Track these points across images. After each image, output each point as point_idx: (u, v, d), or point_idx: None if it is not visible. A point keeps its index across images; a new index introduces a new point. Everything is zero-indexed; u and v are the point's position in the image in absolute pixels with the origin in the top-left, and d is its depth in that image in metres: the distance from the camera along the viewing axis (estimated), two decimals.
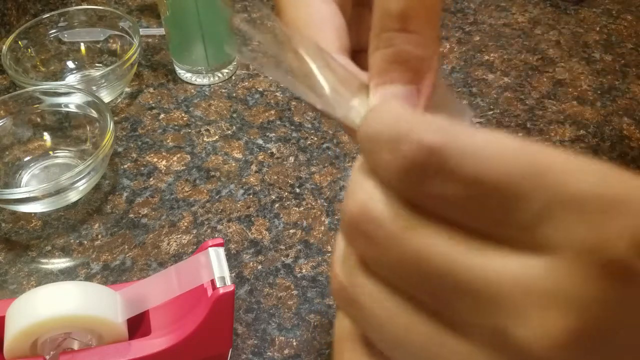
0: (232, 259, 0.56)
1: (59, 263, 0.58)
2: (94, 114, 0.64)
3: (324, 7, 0.31)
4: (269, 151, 0.66)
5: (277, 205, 0.61)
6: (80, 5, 0.75)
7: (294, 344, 0.51)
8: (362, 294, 0.23)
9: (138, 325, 0.47)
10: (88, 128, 0.65)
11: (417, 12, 0.25)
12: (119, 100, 0.72)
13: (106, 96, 0.70)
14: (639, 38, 0.77)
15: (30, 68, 0.72)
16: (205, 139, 0.67)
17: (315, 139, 0.67)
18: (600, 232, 0.18)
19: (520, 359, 0.19)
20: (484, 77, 0.73)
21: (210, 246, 0.46)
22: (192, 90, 0.73)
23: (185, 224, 0.60)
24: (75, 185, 0.59)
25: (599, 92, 0.71)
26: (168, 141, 0.67)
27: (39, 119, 0.66)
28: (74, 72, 0.75)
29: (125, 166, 0.65)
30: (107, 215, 0.61)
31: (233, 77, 0.74)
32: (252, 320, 0.53)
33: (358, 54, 0.33)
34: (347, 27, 0.32)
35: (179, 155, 0.66)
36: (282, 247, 0.57)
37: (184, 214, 0.61)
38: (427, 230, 0.21)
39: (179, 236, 0.59)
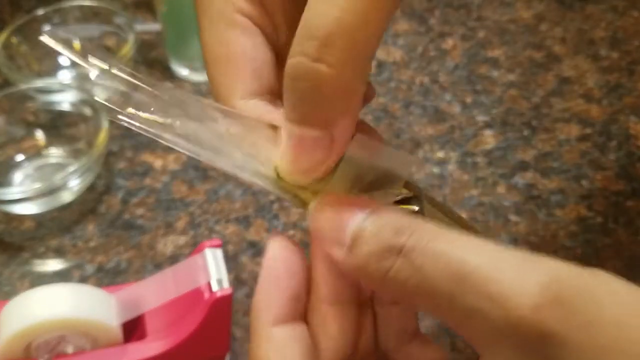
0: (230, 260, 0.56)
1: (53, 265, 0.57)
2: (88, 112, 0.63)
3: (245, 41, 0.28)
4: None
5: (276, 205, 0.60)
6: (75, 1, 0.75)
7: None
8: None
9: (133, 329, 0.47)
10: (82, 126, 0.64)
11: (342, 40, 0.22)
12: (114, 98, 0.71)
13: (101, 94, 0.69)
14: None
15: (24, 65, 0.72)
16: None
17: None
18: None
19: None
20: (489, 74, 0.72)
21: (208, 247, 0.45)
22: (189, 88, 0.72)
23: (182, 224, 0.59)
24: (69, 185, 0.58)
25: (605, 90, 0.70)
26: None
27: (32, 117, 0.65)
28: (68, 69, 0.74)
29: (120, 166, 0.64)
30: (101, 215, 0.60)
31: None
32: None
33: None
34: (271, 59, 0.28)
35: (175, 155, 0.65)
36: None
37: (180, 214, 0.60)
38: None
39: (175, 237, 0.58)
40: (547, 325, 0.19)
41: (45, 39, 0.27)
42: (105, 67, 0.27)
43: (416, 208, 0.26)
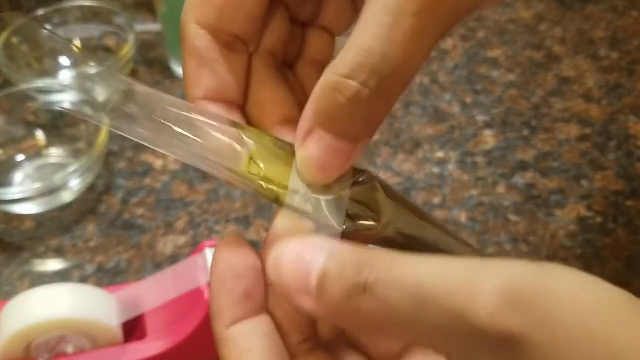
0: None
1: (53, 265, 0.57)
2: (89, 112, 0.63)
3: None
4: None
5: (276, 205, 0.60)
6: (75, 1, 0.75)
7: None
8: None
9: (134, 329, 0.47)
10: (82, 126, 0.64)
11: (399, 82, 0.24)
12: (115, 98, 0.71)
13: (101, 94, 0.69)
14: None
15: (24, 65, 0.72)
16: None
17: None
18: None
19: None
20: (489, 74, 0.72)
21: (208, 247, 0.45)
22: None
23: (182, 224, 0.59)
24: (69, 185, 0.58)
25: (605, 90, 0.70)
26: None
27: (32, 117, 0.65)
28: (69, 69, 0.74)
29: (121, 166, 0.64)
30: (101, 215, 0.60)
31: None
32: None
33: (309, 29, 0.31)
34: (256, 8, 0.28)
35: None
36: None
37: (180, 214, 0.59)
38: None
39: (175, 237, 0.58)
40: (505, 329, 0.19)
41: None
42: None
43: (372, 223, 0.27)
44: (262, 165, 0.27)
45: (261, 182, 0.27)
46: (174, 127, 0.26)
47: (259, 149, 0.27)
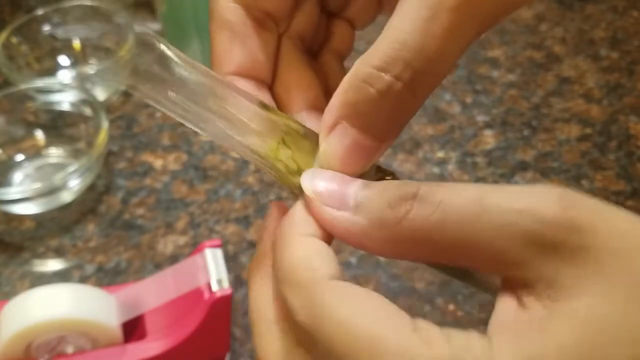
0: (230, 261, 0.55)
1: (53, 265, 0.57)
2: (88, 112, 0.63)
3: None
4: None
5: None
6: (75, 1, 0.74)
7: None
8: None
9: (133, 328, 0.47)
10: (82, 126, 0.64)
11: (433, 77, 0.23)
12: (114, 98, 0.71)
13: (101, 94, 0.69)
14: None
15: (24, 65, 0.72)
16: (202, 138, 0.66)
17: None
18: None
19: None
20: (489, 74, 0.72)
21: (208, 247, 0.45)
22: None
23: (182, 224, 0.59)
24: (69, 185, 0.58)
25: (605, 90, 0.70)
26: (164, 140, 0.66)
27: (32, 117, 0.65)
28: (68, 68, 0.74)
29: (120, 166, 0.64)
30: (101, 215, 0.60)
31: None
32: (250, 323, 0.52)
33: (334, 20, 0.31)
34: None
35: (175, 155, 0.65)
36: None
37: (180, 214, 0.59)
38: None
39: (175, 237, 0.58)
40: (577, 220, 0.21)
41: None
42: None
43: None
44: (291, 151, 0.26)
45: (285, 169, 0.26)
46: (205, 102, 0.25)
47: (289, 134, 0.26)
